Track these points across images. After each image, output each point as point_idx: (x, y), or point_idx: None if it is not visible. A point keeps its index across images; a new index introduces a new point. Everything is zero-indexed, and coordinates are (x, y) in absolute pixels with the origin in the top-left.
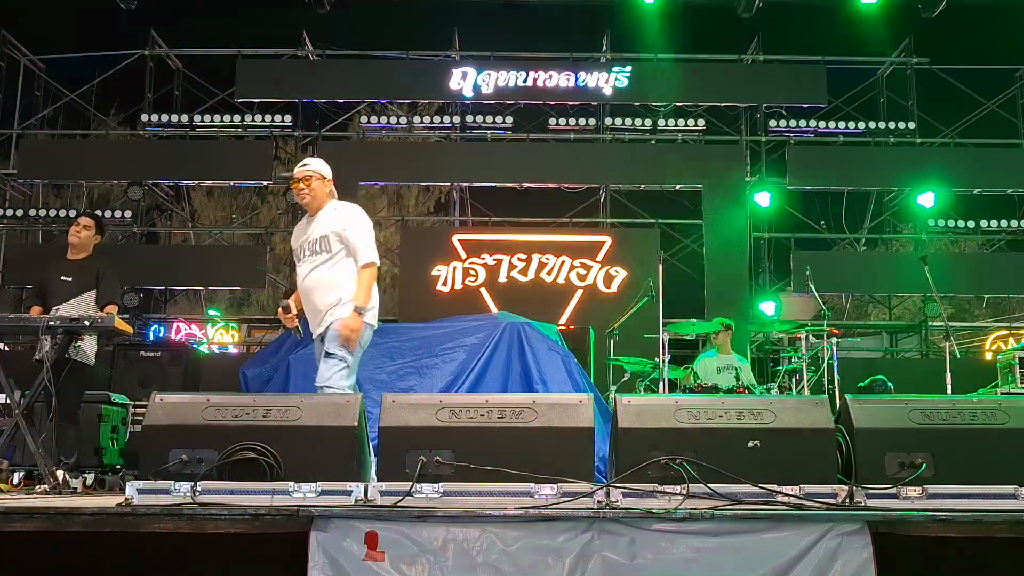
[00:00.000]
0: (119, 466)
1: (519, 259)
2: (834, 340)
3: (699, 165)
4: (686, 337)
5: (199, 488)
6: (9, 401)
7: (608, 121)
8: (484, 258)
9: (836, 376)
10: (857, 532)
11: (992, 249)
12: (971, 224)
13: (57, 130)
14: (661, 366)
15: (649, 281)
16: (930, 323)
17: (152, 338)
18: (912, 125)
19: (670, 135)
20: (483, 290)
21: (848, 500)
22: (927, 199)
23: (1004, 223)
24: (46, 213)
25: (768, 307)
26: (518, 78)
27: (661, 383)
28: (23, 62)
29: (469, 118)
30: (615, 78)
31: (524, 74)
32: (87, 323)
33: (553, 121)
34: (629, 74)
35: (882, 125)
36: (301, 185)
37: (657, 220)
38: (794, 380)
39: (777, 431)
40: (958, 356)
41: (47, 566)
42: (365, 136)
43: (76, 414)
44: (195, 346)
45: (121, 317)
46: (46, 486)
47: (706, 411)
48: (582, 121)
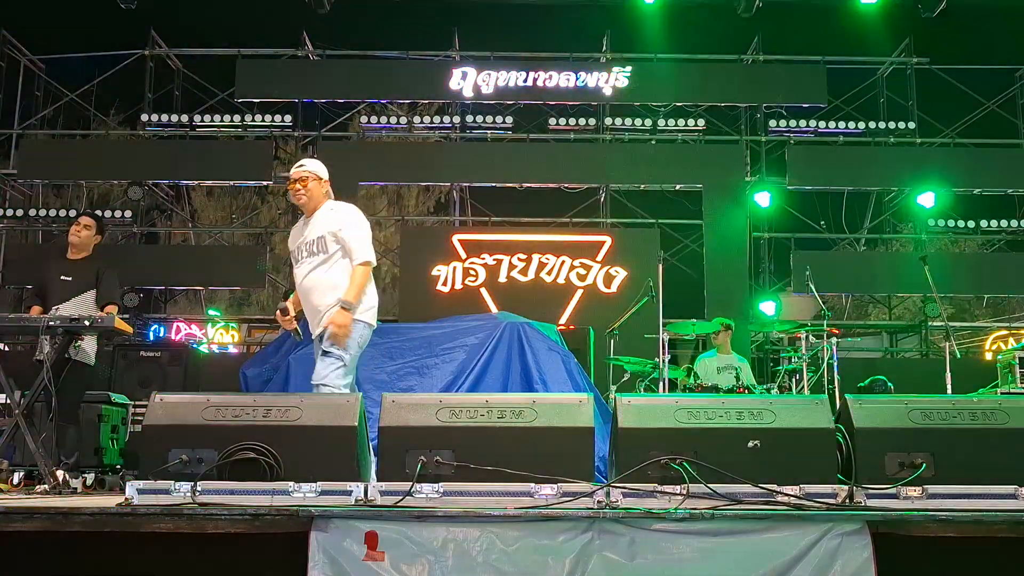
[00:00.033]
0: (119, 466)
1: (519, 259)
2: (834, 340)
3: (699, 165)
4: (686, 337)
5: (199, 488)
6: (9, 401)
7: (608, 121)
8: (484, 258)
9: (836, 376)
10: (857, 532)
11: (992, 249)
12: (971, 224)
13: (57, 130)
14: (661, 366)
15: (649, 281)
16: (930, 323)
17: (152, 338)
18: (912, 125)
19: (670, 135)
20: (483, 290)
21: (848, 500)
22: (927, 199)
23: (1004, 223)
24: (46, 213)
25: (768, 307)
26: (518, 78)
27: (661, 383)
28: (23, 62)
29: (469, 118)
30: (615, 78)
31: (524, 74)
32: (87, 323)
33: (553, 121)
34: (629, 74)
35: (882, 125)
36: (297, 186)
37: (657, 220)
38: (794, 380)
39: (777, 431)
40: (958, 356)
41: (47, 566)
42: (365, 136)
43: (76, 414)
44: (195, 346)
45: (121, 317)
46: (46, 486)
47: (706, 411)
48: (582, 121)
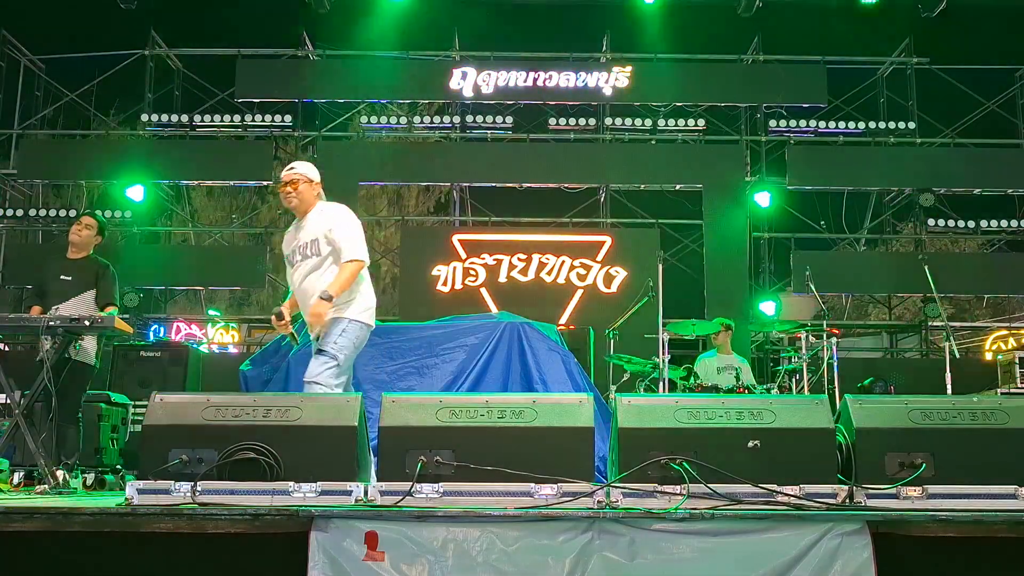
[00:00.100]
0: (119, 466)
1: (519, 259)
2: (834, 340)
3: (699, 165)
4: (686, 337)
5: (199, 488)
6: (9, 401)
7: (608, 121)
8: (484, 258)
9: (836, 376)
10: (857, 532)
11: (992, 249)
12: (971, 224)
13: (57, 130)
14: (661, 366)
15: (649, 281)
16: (930, 323)
17: (152, 338)
18: (912, 125)
19: (670, 135)
20: (483, 290)
21: (848, 500)
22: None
23: (1004, 223)
24: (46, 213)
25: (768, 307)
26: (518, 78)
27: (661, 383)
28: (23, 62)
29: (469, 118)
30: (615, 78)
31: (524, 74)
32: (87, 323)
33: (553, 121)
34: (629, 74)
35: (882, 125)
36: (288, 189)
37: (657, 220)
38: (794, 380)
39: (777, 431)
40: (958, 356)
41: (47, 566)
42: (365, 136)
43: (77, 414)
44: (195, 346)
45: (121, 317)
46: (46, 486)
47: (706, 411)
48: (582, 121)
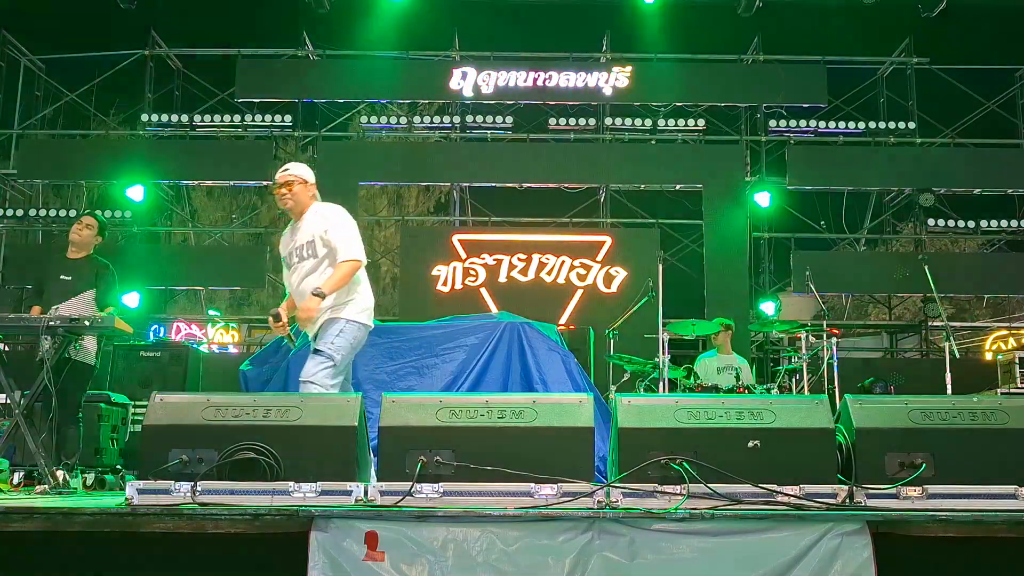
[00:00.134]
0: (119, 466)
1: (519, 259)
2: (834, 340)
3: (699, 165)
4: (686, 337)
5: (199, 488)
6: (9, 401)
7: (608, 121)
8: (484, 258)
9: (836, 376)
10: (857, 532)
11: (992, 249)
12: (971, 224)
13: (57, 130)
14: (661, 366)
15: (649, 281)
16: (930, 323)
17: (152, 338)
18: (912, 125)
19: (670, 135)
20: (483, 290)
21: (848, 500)
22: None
23: (1004, 223)
24: (46, 213)
25: (768, 307)
26: (518, 78)
27: (661, 383)
28: (23, 62)
29: (469, 118)
30: (615, 78)
31: (524, 74)
32: (87, 323)
33: (553, 121)
34: (629, 74)
35: (882, 125)
36: (283, 191)
37: (657, 220)
38: (794, 380)
39: (777, 431)
40: (958, 356)
41: (47, 566)
42: (365, 136)
43: (77, 414)
44: (195, 346)
45: (120, 317)
46: (46, 486)
47: (706, 411)
48: (582, 121)
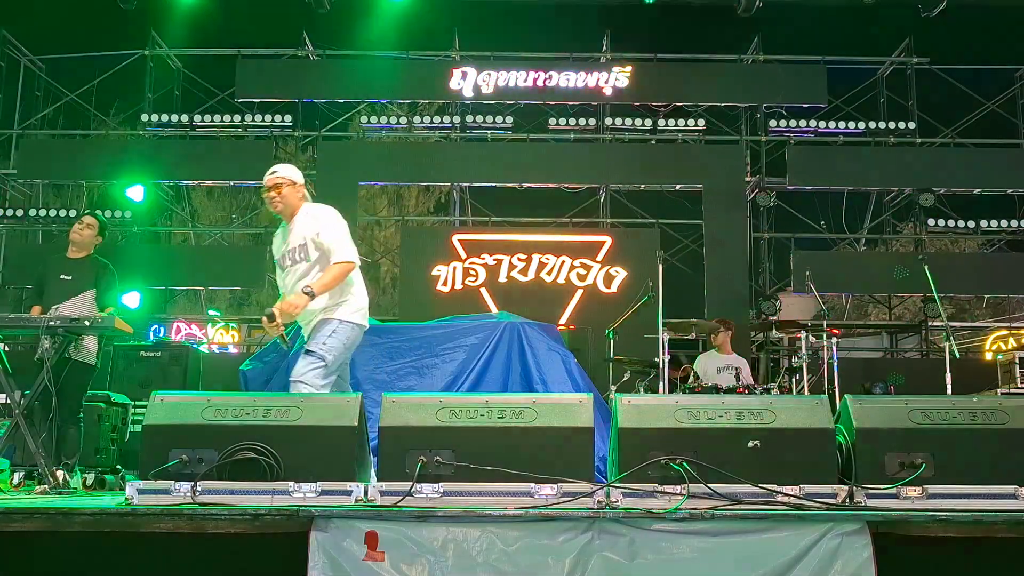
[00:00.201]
0: (119, 466)
1: (519, 259)
2: (834, 340)
3: (699, 165)
4: (686, 337)
5: (199, 488)
6: (9, 401)
7: (608, 121)
8: (484, 258)
9: (836, 376)
10: (857, 532)
11: (992, 249)
12: (971, 224)
13: (57, 130)
14: (661, 366)
15: (649, 281)
16: (930, 323)
17: (152, 338)
18: (912, 125)
19: (670, 135)
20: (483, 290)
21: (848, 500)
22: None
23: (1004, 223)
24: (46, 213)
25: (767, 307)
26: (518, 78)
27: (661, 383)
28: (23, 62)
29: (469, 118)
30: (615, 78)
31: (524, 74)
32: (87, 323)
33: (553, 121)
34: (629, 74)
35: (882, 125)
36: (272, 194)
37: (657, 220)
38: (794, 380)
39: (777, 431)
40: (958, 356)
41: (47, 566)
42: (365, 136)
43: (78, 414)
44: (195, 346)
45: (120, 317)
46: (46, 486)
47: (706, 411)
48: (582, 121)
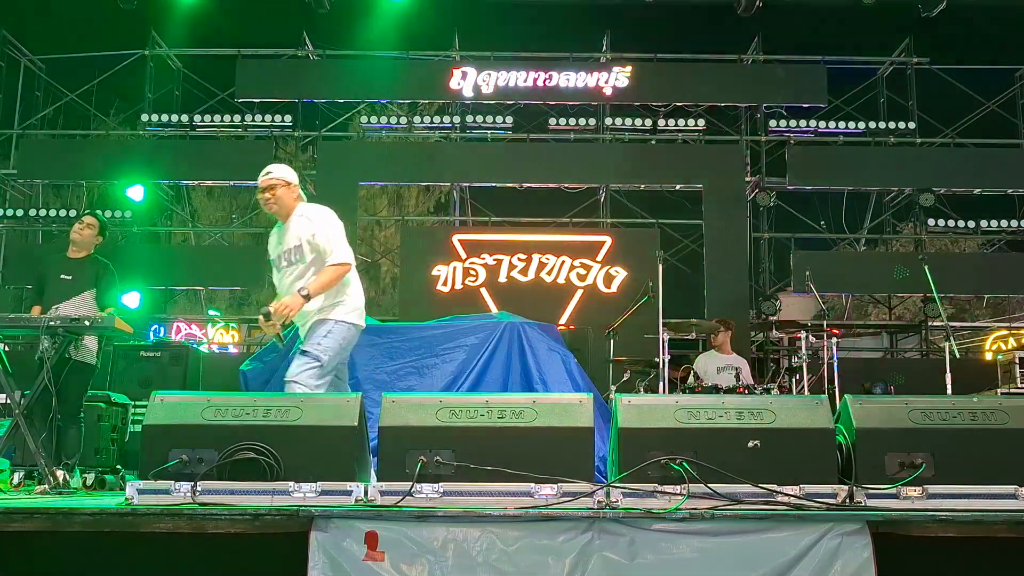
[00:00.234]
0: (119, 466)
1: (519, 259)
2: (834, 340)
3: (699, 165)
4: (686, 337)
5: (199, 488)
6: (9, 401)
7: (608, 121)
8: (484, 258)
9: (836, 376)
10: (857, 532)
11: (992, 249)
12: (971, 224)
13: (57, 130)
14: (661, 366)
15: (649, 281)
16: (930, 323)
17: (152, 338)
18: (912, 125)
19: (670, 135)
20: (483, 290)
21: (848, 500)
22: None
23: (1004, 223)
24: (46, 213)
25: (767, 307)
26: (518, 78)
27: (661, 383)
28: (23, 62)
29: (469, 118)
30: (615, 78)
31: (524, 74)
32: (87, 323)
33: (553, 121)
34: (629, 74)
35: (882, 125)
36: (267, 195)
37: (657, 220)
38: (794, 380)
39: (777, 431)
40: (958, 356)
41: (47, 566)
42: (365, 136)
43: (78, 414)
44: (195, 346)
45: (120, 317)
46: (46, 486)
47: (706, 411)
48: (582, 121)
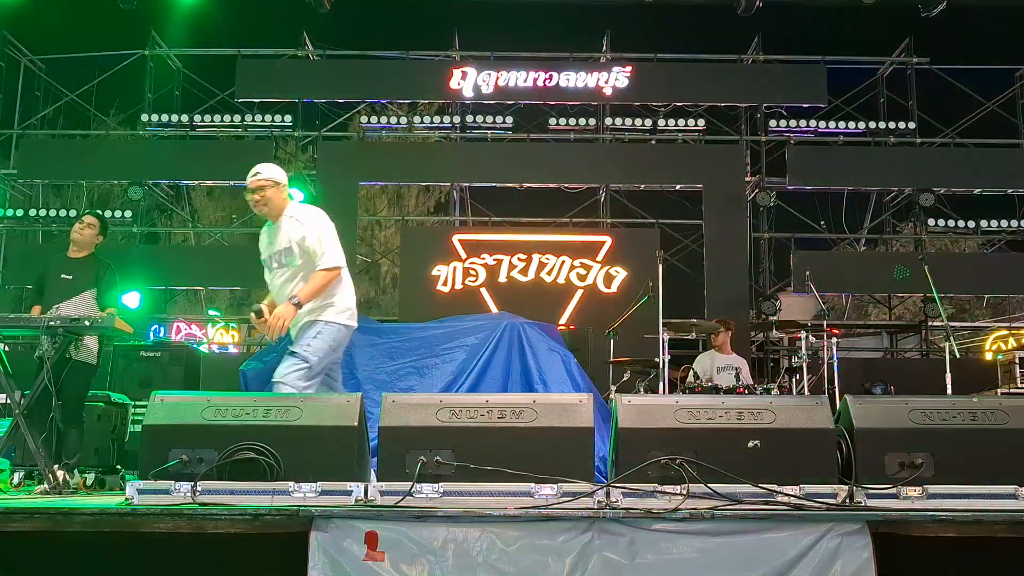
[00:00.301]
0: (119, 466)
1: (519, 259)
2: (834, 340)
3: (699, 165)
4: (686, 337)
5: (199, 488)
6: (9, 401)
7: (608, 121)
8: (484, 258)
9: (836, 376)
10: (857, 532)
11: (992, 249)
12: (971, 224)
13: (57, 130)
14: (661, 366)
15: (649, 281)
16: (930, 323)
17: (152, 338)
18: (912, 125)
19: (670, 135)
20: (483, 290)
21: (848, 500)
22: None
23: (1004, 223)
24: (46, 213)
25: (767, 307)
26: (518, 78)
27: (661, 383)
28: (23, 62)
29: (469, 118)
30: (615, 78)
31: (524, 74)
32: (87, 323)
33: (553, 121)
34: (629, 74)
35: (882, 125)
36: (256, 196)
37: (657, 220)
38: (794, 380)
39: (777, 431)
40: (958, 356)
41: (47, 566)
42: (365, 136)
43: (79, 414)
44: (195, 346)
45: (120, 317)
46: (46, 486)
47: (706, 411)
48: (582, 121)
